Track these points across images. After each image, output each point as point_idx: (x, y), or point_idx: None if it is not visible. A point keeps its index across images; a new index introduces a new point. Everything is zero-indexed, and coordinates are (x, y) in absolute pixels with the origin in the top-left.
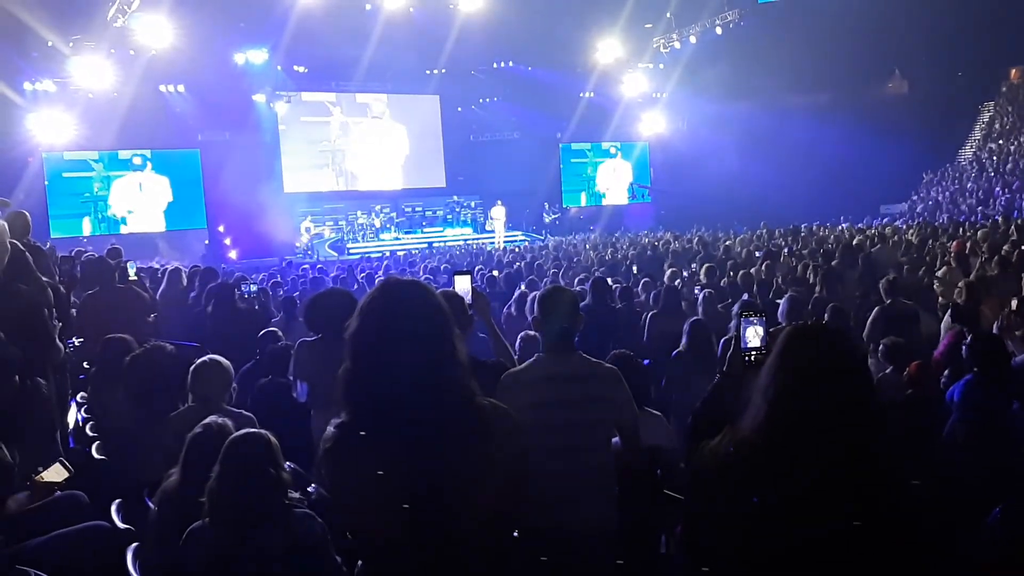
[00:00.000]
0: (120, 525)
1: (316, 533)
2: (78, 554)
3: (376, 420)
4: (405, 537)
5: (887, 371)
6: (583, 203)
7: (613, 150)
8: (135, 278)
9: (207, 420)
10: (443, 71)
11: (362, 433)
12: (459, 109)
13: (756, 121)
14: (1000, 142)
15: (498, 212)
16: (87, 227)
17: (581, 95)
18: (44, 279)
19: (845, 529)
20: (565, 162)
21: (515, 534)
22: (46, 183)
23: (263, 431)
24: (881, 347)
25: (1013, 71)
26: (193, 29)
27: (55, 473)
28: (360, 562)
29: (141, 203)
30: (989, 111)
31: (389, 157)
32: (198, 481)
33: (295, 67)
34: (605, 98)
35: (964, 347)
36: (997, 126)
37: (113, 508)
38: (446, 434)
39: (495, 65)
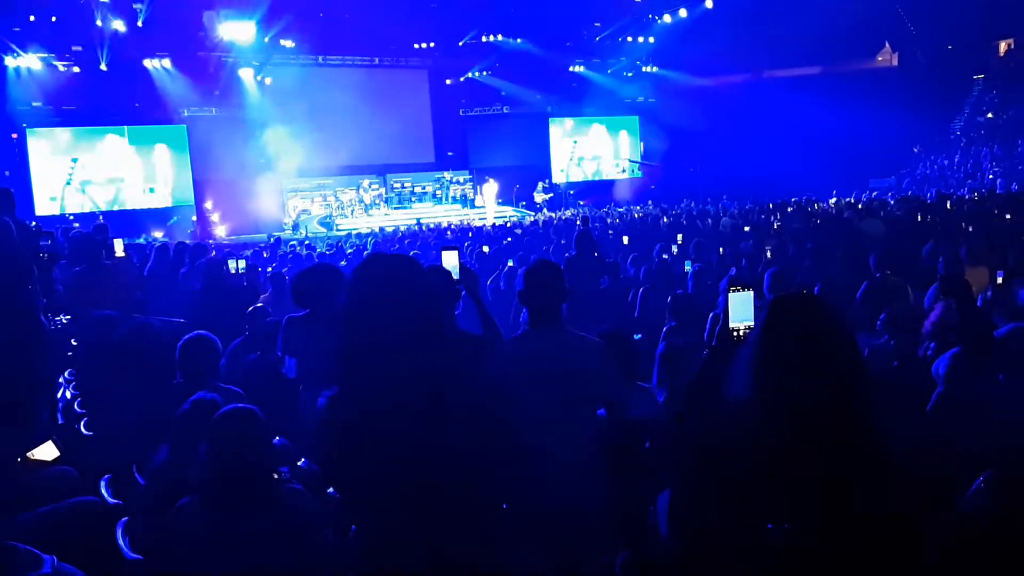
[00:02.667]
0: (110, 501)
1: (306, 508)
2: (68, 529)
3: (366, 392)
4: (397, 505)
5: (880, 342)
6: (572, 178)
7: (595, 124)
8: (122, 255)
9: (195, 396)
10: (431, 45)
11: (353, 405)
12: (448, 82)
13: (745, 95)
14: (990, 115)
15: (489, 189)
16: (72, 203)
17: (571, 68)
18: (28, 256)
19: (834, 495)
20: (554, 136)
21: (504, 506)
22: (29, 159)
23: (251, 406)
24: (882, 317)
25: (1003, 44)
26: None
27: (46, 451)
28: (353, 529)
29: (127, 179)
30: (979, 84)
31: (377, 132)
32: (187, 457)
33: (282, 41)
34: (595, 71)
35: (951, 320)
36: (987, 99)
37: (102, 484)
38: (435, 405)
39: (484, 39)
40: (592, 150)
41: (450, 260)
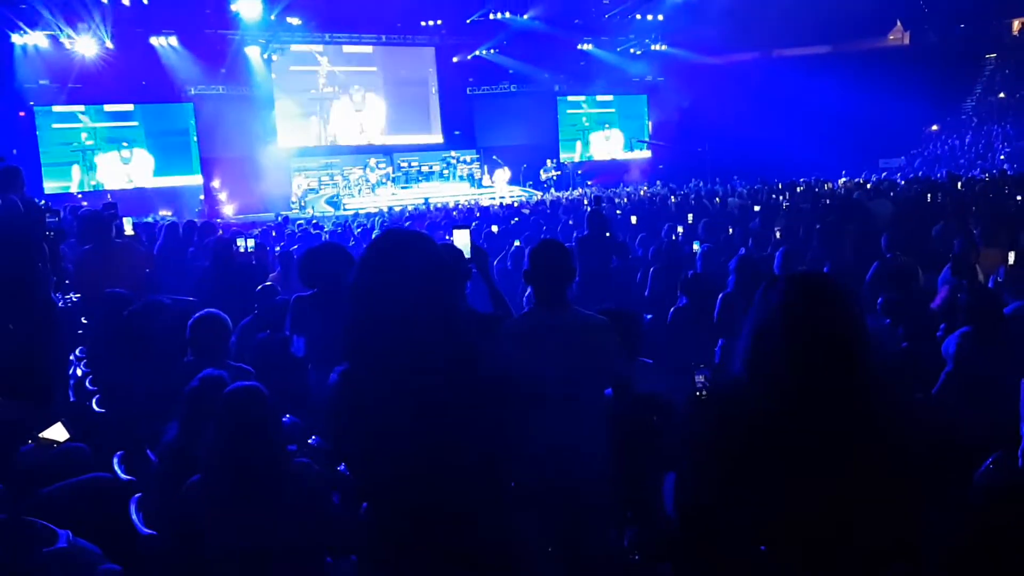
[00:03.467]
0: (123, 477)
1: (314, 482)
2: (83, 505)
3: (376, 367)
4: (407, 482)
5: (883, 324)
6: (580, 157)
7: (603, 103)
8: (131, 233)
9: (203, 373)
10: (439, 22)
11: (363, 381)
12: (455, 60)
13: (755, 74)
14: (1001, 95)
15: (502, 175)
16: (77, 180)
17: (579, 46)
18: (36, 234)
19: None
20: (562, 115)
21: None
22: (38, 137)
23: (256, 384)
24: (880, 301)
25: (1016, 22)
26: None
27: (56, 432)
28: (365, 505)
29: (135, 158)
30: (991, 63)
31: (384, 111)
32: (196, 434)
33: (288, 19)
34: (603, 49)
35: (960, 300)
36: (999, 78)
37: (115, 460)
38: (445, 381)
39: (492, 16)
40: (600, 128)
41: (462, 239)
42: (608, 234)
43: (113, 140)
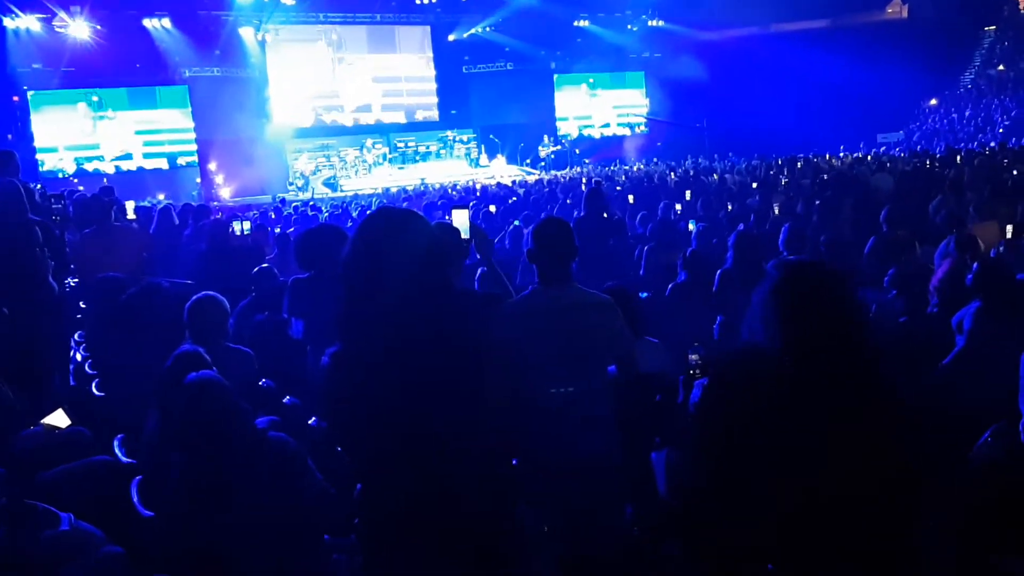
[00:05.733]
0: (123, 460)
1: (291, 454)
2: (84, 488)
3: (368, 348)
4: (403, 461)
5: (887, 298)
6: (577, 135)
7: (600, 80)
8: (133, 217)
9: (178, 351)
10: (434, 0)
11: (356, 361)
12: (451, 38)
13: (751, 49)
14: (1001, 67)
15: (499, 162)
16: (73, 165)
17: (575, 23)
18: (36, 218)
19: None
20: (559, 92)
21: (514, 462)
22: (32, 121)
23: (212, 373)
24: (891, 273)
25: None
26: None
27: (57, 419)
28: (360, 486)
29: (130, 141)
30: (990, 36)
31: (380, 90)
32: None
33: None
34: (600, 26)
35: (969, 275)
36: (998, 51)
37: (115, 443)
38: (437, 361)
39: None
40: (597, 106)
41: (460, 219)
42: (606, 214)
43: (108, 123)
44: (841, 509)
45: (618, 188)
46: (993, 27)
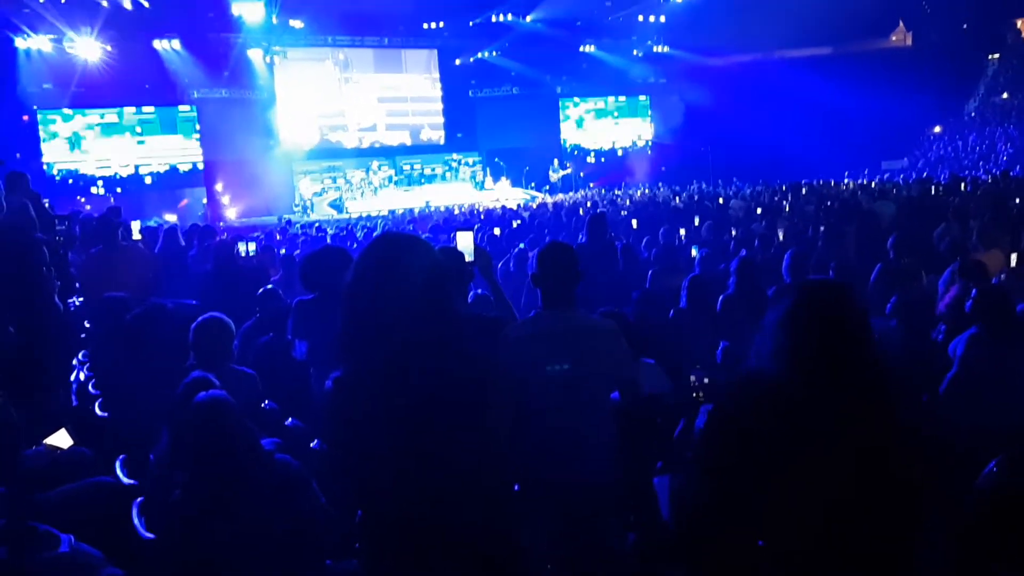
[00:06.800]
0: (125, 481)
1: (295, 476)
2: (85, 509)
3: (371, 373)
4: (404, 487)
5: (890, 325)
6: (580, 155)
7: (612, 103)
8: (139, 237)
9: (190, 378)
10: (441, 25)
11: (358, 387)
12: (457, 63)
13: (756, 75)
14: (1005, 95)
15: (503, 185)
16: (82, 184)
17: (581, 49)
18: (43, 236)
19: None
20: (567, 119)
21: (516, 487)
22: (42, 141)
23: (222, 393)
24: (893, 302)
25: (1020, 22)
26: None
27: (59, 439)
28: (360, 512)
29: (138, 161)
30: (994, 65)
31: (386, 113)
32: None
33: (291, 21)
34: (606, 51)
35: (968, 301)
36: (1002, 79)
37: (118, 464)
38: (440, 388)
39: (494, 18)
40: (602, 130)
41: (465, 241)
42: (608, 239)
43: (117, 143)
44: (848, 534)
45: (623, 212)
46: (997, 55)
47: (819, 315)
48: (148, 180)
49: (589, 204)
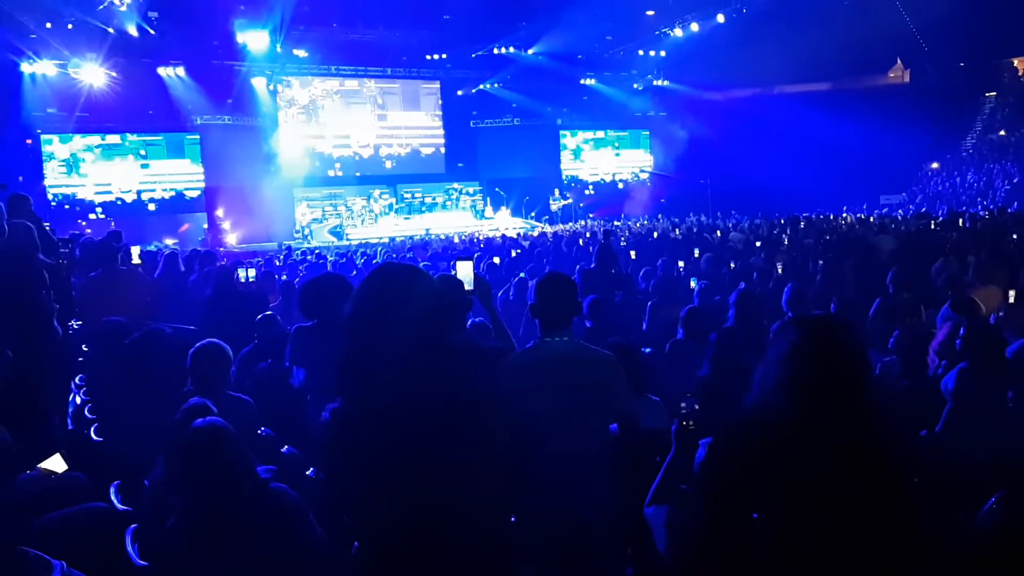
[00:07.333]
0: (119, 507)
1: (291, 504)
2: (78, 535)
3: (368, 405)
4: (400, 520)
5: (888, 360)
6: (579, 187)
7: (612, 134)
8: (138, 261)
9: (187, 405)
10: (444, 56)
11: (355, 418)
12: (459, 93)
13: (755, 109)
14: (1002, 132)
15: (503, 214)
16: (84, 208)
17: (582, 81)
18: (45, 259)
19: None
20: (564, 148)
21: (512, 519)
22: (44, 164)
23: (217, 420)
24: (896, 335)
25: (1017, 60)
26: (194, 7)
27: (54, 464)
28: (356, 544)
29: (140, 187)
30: (991, 102)
31: (388, 142)
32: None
33: (295, 51)
34: (606, 84)
35: (959, 337)
36: (999, 116)
37: (112, 490)
38: (438, 420)
39: (496, 51)
40: (602, 161)
41: (464, 271)
42: (614, 271)
43: (119, 168)
44: (848, 567)
45: (623, 243)
46: (994, 93)
47: (819, 352)
48: (152, 207)
49: (588, 235)
